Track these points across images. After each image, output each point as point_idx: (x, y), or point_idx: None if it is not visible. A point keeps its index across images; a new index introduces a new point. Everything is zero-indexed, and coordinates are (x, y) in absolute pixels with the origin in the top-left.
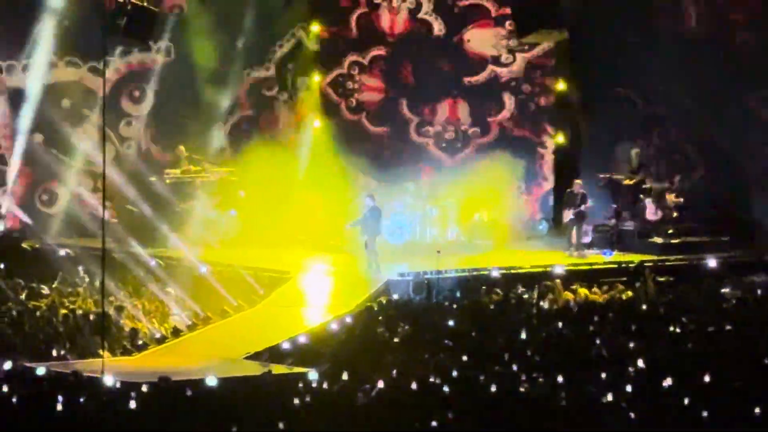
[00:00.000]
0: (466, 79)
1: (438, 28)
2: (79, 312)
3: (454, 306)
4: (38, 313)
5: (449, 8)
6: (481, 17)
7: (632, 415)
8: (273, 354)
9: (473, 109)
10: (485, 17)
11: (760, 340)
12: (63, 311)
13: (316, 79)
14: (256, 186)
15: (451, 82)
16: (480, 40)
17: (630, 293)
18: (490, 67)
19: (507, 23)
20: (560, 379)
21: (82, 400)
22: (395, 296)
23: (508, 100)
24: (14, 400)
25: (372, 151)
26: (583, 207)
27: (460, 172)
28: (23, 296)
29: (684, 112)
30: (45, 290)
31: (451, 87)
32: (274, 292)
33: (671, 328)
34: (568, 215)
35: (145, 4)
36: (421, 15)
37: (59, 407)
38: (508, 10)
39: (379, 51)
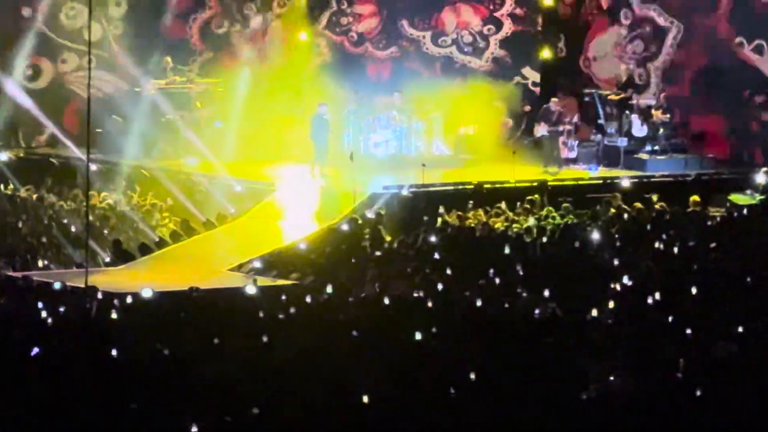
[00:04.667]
0: None
1: None
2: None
3: (438, 220)
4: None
5: None
6: None
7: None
8: (257, 266)
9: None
10: None
11: (743, 258)
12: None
13: None
14: (241, 101)
15: None
16: None
17: (612, 210)
18: None
19: None
20: (546, 293)
21: (62, 309)
22: (379, 209)
23: None
24: None
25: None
26: (561, 127)
27: (447, 86)
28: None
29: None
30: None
31: None
32: (259, 204)
33: (656, 245)
34: (540, 130)
35: None
36: None
37: (44, 315)
38: None
39: None
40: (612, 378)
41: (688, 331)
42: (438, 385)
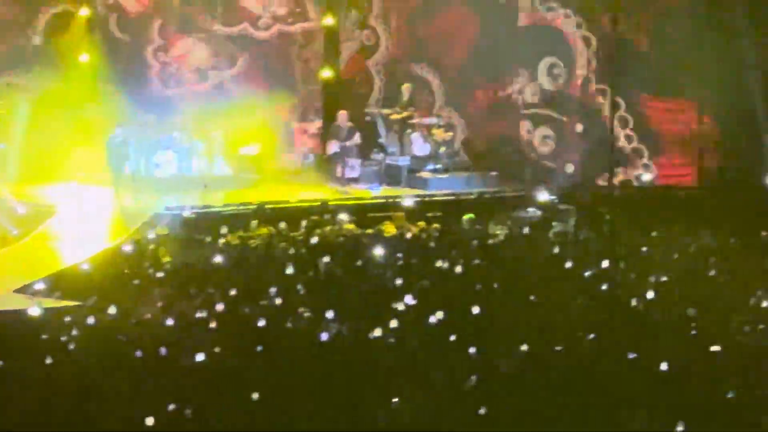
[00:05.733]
0: None
1: None
2: None
3: (220, 240)
4: None
5: None
6: None
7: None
8: (41, 288)
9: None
10: None
11: (526, 276)
12: None
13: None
14: (27, 119)
15: None
16: None
17: (394, 229)
18: None
19: None
20: (330, 314)
21: None
22: (162, 230)
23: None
24: None
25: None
26: (348, 142)
27: (227, 103)
28: None
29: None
30: None
31: None
32: (43, 225)
33: (439, 264)
34: (332, 148)
35: None
36: None
37: None
38: None
39: None
40: (396, 399)
41: (472, 350)
42: (219, 407)
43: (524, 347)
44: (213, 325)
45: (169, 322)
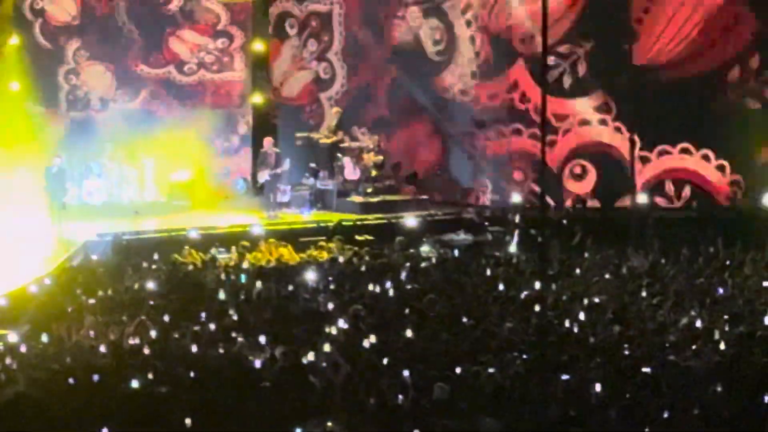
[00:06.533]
0: None
1: None
2: None
3: (153, 267)
4: None
5: None
6: None
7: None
8: None
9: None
10: None
11: (457, 299)
12: None
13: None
14: None
15: None
16: None
17: (326, 253)
18: None
19: None
20: (261, 339)
21: None
22: (93, 257)
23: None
24: None
25: None
26: (279, 169)
27: (159, 129)
28: None
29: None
30: None
31: None
32: None
33: (371, 288)
34: (263, 175)
35: None
36: None
37: None
38: None
39: None
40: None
41: (405, 372)
42: None
43: (457, 369)
44: (147, 351)
45: (102, 348)
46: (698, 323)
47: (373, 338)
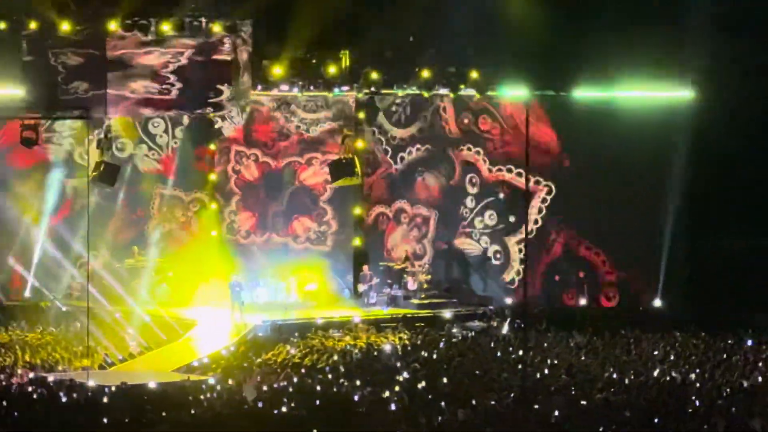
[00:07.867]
0: None
1: None
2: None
3: (293, 340)
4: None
5: None
6: None
7: None
8: (188, 368)
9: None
10: None
11: (473, 360)
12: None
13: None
14: (177, 269)
15: None
16: None
17: (395, 338)
18: None
19: None
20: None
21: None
22: (260, 334)
23: None
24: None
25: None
26: (372, 283)
27: (299, 258)
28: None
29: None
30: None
31: None
32: (188, 331)
33: (423, 353)
34: (362, 287)
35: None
36: None
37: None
38: None
39: None
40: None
41: (442, 403)
42: None
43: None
44: (290, 390)
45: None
46: (615, 375)
47: (423, 383)
